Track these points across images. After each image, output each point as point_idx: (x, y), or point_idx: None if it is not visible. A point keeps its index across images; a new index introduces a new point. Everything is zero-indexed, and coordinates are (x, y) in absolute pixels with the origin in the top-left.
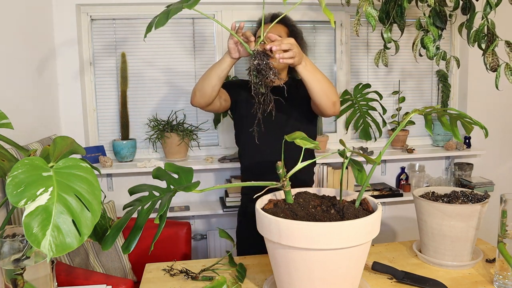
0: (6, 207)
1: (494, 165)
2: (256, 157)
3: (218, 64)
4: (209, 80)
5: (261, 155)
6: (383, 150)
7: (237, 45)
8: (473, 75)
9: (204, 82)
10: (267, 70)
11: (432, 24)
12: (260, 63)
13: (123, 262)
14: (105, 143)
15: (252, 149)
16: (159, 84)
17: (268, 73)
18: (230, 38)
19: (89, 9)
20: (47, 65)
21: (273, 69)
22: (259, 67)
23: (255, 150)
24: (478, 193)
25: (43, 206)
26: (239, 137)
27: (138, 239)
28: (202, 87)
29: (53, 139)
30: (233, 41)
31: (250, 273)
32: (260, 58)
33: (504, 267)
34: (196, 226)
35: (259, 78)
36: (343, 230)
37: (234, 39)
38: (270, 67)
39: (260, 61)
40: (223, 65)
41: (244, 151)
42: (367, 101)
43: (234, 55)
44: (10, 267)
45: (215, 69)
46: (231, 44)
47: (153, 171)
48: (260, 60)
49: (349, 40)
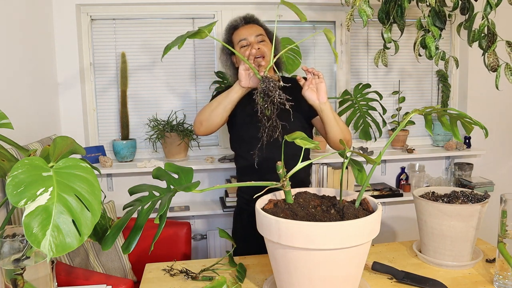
0: (6, 207)
1: (494, 165)
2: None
3: (228, 95)
4: (218, 111)
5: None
6: (383, 150)
7: (247, 72)
8: (473, 75)
9: (212, 113)
10: (274, 91)
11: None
12: (267, 86)
13: (123, 262)
14: (105, 143)
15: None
16: (159, 84)
17: (275, 93)
18: (242, 64)
19: (89, 9)
20: (47, 65)
21: (279, 91)
22: (266, 89)
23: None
24: (478, 193)
25: (43, 206)
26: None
27: (138, 239)
28: (210, 118)
29: (53, 139)
30: (245, 67)
31: (250, 273)
32: (268, 82)
33: (504, 267)
34: (196, 226)
35: (266, 101)
36: (343, 230)
37: (246, 66)
38: (276, 89)
39: (268, 84)
40: (233, 97)
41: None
42: (367, 101)
43: (245, 84)
44: (10, 267)
45: (224, 100)
46: (242, 71)
47: (153, 171)
48: (268, 83)
49: (349, 40)
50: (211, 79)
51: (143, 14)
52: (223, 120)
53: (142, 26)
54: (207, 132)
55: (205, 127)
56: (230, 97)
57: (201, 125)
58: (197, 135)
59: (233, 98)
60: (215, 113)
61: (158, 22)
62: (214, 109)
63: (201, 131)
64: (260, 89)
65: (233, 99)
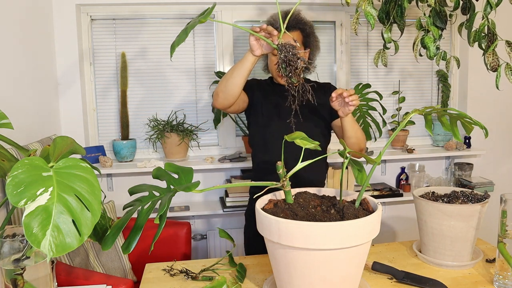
0: (6, 207)
1: (494, 165)
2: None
3: (241, 63)
4: (233, 80)
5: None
6: (383, 150)
7: (259, 42)
8: (473, 75)
9: (228, 82)
10: (295, 60)
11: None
12: (286, 55)
13: (123, 262)
14: (105, 143)
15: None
16: (159, 84)
17: (297, 62)
18: (251, 35)
19: (89, 9)
20: (47, 65)
21: (301, 58)
22: (287, 58)
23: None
24: (478, 193)
25: (43, 206)
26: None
27: (138, 239)
28: (226, 89)
29: (53, 139)
30: (254, 38)
31: (250, 273)
32: (286, 50)
33: (504, 267)
34: (196, 226)
35: (288, 70)
36: (343, 230)
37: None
38: (298, 57)
39: (287, 53)
40: (246, 64)
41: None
42: (367, 101)
43: (257, 53)
44: (10, 267)
45: (238, 69)
46: (252, 41)
47: (153, 171)
48: (286, 52)
49: (349, 40)
50: (211, 79)
51: (143, 14)
52: (239, 91)
53: (142, 26)
54: (224, 103)
55: (222, 98)
56: (245, 66)
57: (218, 96)
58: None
59: (246, 65)
60: (232, 82)
61: (158, 22)
62: (230, 78)
63: (218, 102)
64: (280, 60)
65: (248, 67)
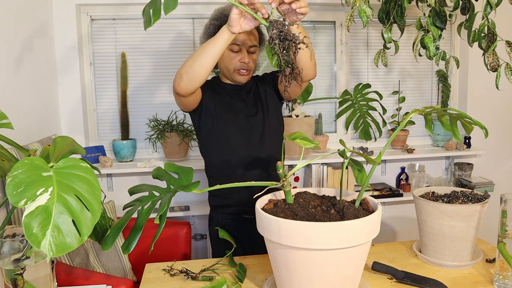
0: (6, 207)
1: (494, 165)
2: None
3: (214, 39)
4: (202, 60)
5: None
6: (383, 150)
7: (240, 17)
8: (473, 75)
9: (195, 63)
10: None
11: (432, 24)
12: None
13: (123, 262)
14: (105, 143)
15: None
16: (159, 84)
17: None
18: (235, 8)
19: (89, 9)
20: (47, 65)
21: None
22: (282, 34)
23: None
24: (478, 193)
25: (43, 206)
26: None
27: (138, 239)
28: (192, 69)
29: (53, 139)
30: (237, 11)
31: (250, 273)
32: (277, 27)
33: (504, 267)
34: (196, 226)
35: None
36: (343, 230)
37: (239, 10)
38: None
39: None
40: (220, 41)
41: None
42: (367, 101)
43: (235, 29)
44: (10, 267)
45: (211, 46)
46: (234, 15)
47: (153, 171)
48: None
49: (349, 40)
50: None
51: None
52: (207, 72)
53: (142, 26)
54: (188, 87)
55: (186, 80)
56: (218, 44)
57: (181, 79)
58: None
59: (220, 43)
60: (200, 62)
61: (158, 22)
62: (198, 58)
63: (181, 86)
64: (274, 36)
65: (221, 46)
